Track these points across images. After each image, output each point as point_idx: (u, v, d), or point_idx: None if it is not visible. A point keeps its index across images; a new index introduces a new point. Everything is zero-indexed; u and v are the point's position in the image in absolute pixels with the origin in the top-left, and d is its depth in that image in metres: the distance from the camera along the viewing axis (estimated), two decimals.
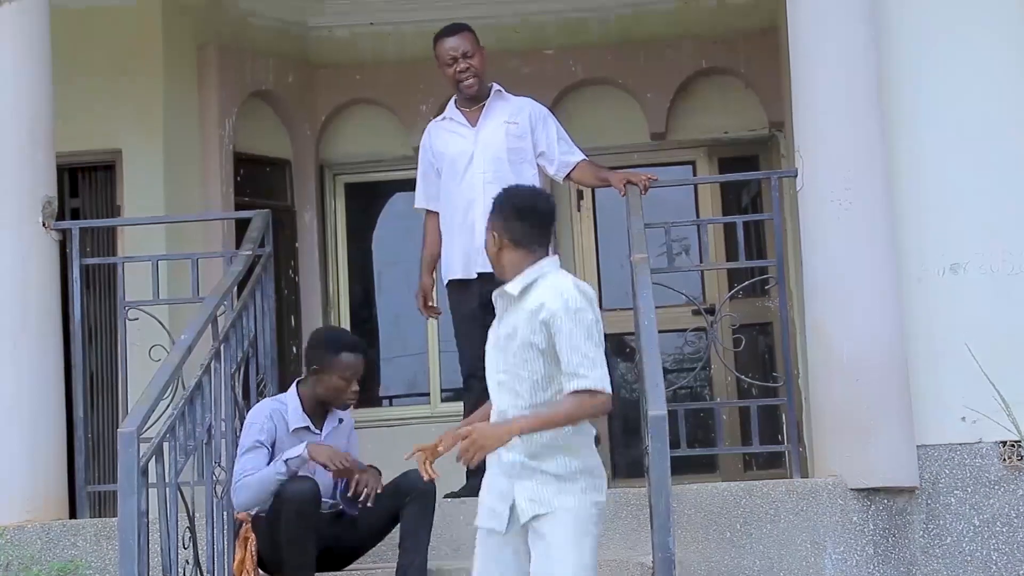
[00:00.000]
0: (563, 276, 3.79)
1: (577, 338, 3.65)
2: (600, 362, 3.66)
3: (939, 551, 5.08)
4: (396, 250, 8.26)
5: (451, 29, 5.76)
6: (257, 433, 4.77)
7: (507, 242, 3.84)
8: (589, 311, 3.69)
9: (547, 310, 3.68)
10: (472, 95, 5.72)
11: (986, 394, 4.87)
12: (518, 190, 3.96)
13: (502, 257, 3.86)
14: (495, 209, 3.89)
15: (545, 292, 3.72)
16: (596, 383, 3.64)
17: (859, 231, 5.09)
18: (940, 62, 5.32)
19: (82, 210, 7.55)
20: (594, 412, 3.69)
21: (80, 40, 7.14)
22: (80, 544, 5.25)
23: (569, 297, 3.69)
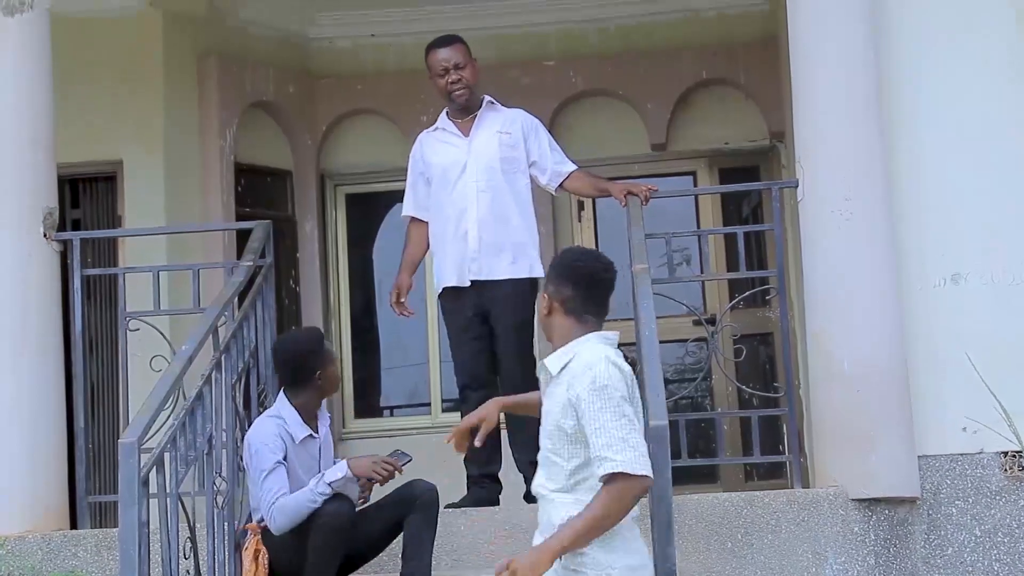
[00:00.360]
0: (598, 349, 3.46)
1: (604, 418, 3.34)
2: (634, 442, 3.33)
3: (940, 561, 5.08)
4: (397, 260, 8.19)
5: (443, 40, 5.78)
6: (272, 453, 4.74)
7: (557, 306, 3.54)
8: (620, 387, 3.39)
9: (573, 390, 3.40)
10: (463, 106, 5.74)
11: (987, 404, 4.88)
12: (577, 253, 3.67)
13: (551, 322, 3.56)
14: (553, 267, 3.60)
15: (575, 370, 3.43)
16: (627, 465, 3.30)
17: (860, 241, 5.10)
18: (939, 69, 5.33)
19: (83, 221, 7.55)
20: (633, 499, 3.34)
21: (81, 51, 7.15)
22: (81, 554, 5.25)
23: (597, 374, 3.38)
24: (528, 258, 5.66)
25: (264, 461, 4.74)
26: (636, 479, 3.33)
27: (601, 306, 3.56)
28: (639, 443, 3.35)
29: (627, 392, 3.42)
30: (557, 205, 7.86)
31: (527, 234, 5.67)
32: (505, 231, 5.62)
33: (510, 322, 5.60)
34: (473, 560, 5.13)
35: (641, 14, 8.01)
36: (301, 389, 4.91)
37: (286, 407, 4.89)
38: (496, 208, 5.62)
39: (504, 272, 5.61)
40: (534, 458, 5.54)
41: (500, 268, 5.60)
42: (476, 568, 5.08)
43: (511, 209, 5.65)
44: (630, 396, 3.43)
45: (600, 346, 3.48)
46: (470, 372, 5.65)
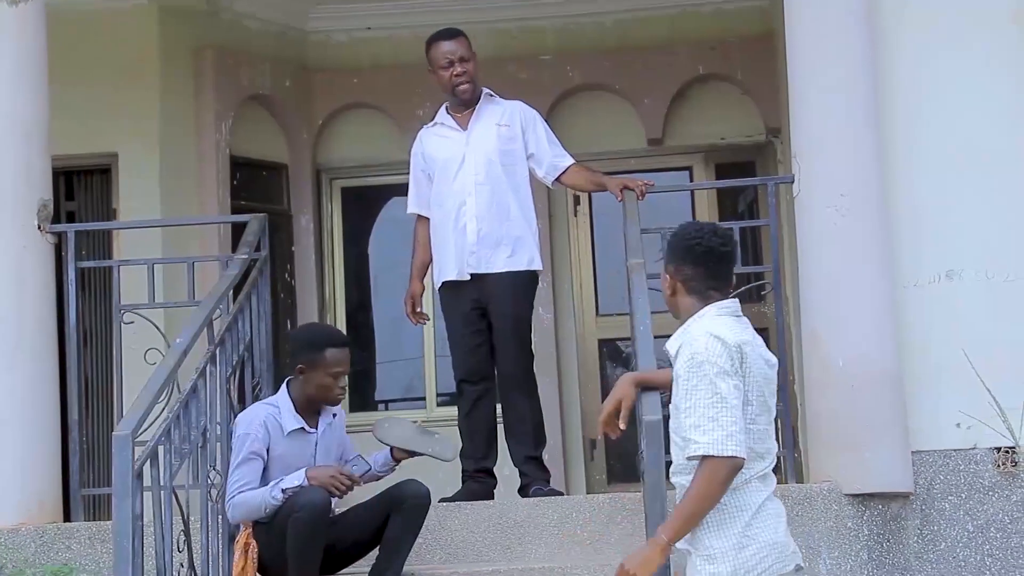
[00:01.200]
0: (705, 322, 3.41)
1: (696, 396, 3.31)
2: (724, 421, 3.27)
3: (933, 556, 5.09)
4: (392, 254, 8.25)
5: (447, 33, 5.77)
6: (251, 444, 4.70)
7: (680, 286, 3.50)
8: (720, 361, 3.31)
9: (677, 365, 3.39)
10: (466, 99, 5.73)
11: (981, 400, 4.89)
12: (693, 228, 3.56)
13: (676, 301, 3.52)
14: (670, 247, 3.55)
15: (682, 345, 3.40)
16: (711, 447, 3.26)
17: (855, 237, 5.10)
18: (937, 66, 5.33)
19: (78, 213, 7.55)
20: (725, 479, 3.28)
21: (77, 43, 7.13)
22: (74, 547, 5.24)
23: (696, 349, 3.33)
24: (527, 251, 5.66)
25: (240, 449, 4.72)
26: (723, 460, 3.27)
27: (724, 280, 3.52)
28: (729, 422, 3.28)
29: (729, 366, 3.33)
30: (553, 199, 7.86)
31: (526, 227, 5.67)
32: (504, 224, 5.62)
33: (509, 315, 5.60)
34: (466, 554, 5.13)
35: (638, 9, 8.00)
36: (293, 379, 4.88)
37: (283, 396, 4.86)
38: (495, 201, 5.62)
39: (503, 265, 5.60)
40: (531, 453, 5.63)
41: (499, 261, 5.60)
42: (469, 563, 5.08)
43: (510, 202, 5.64)
44: (734, 370, 3.33)
45: (708, 320, 3.42)
46: (468, 366, 5.65)
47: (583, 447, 7.99)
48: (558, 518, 5.14)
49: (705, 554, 3.34)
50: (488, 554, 5.12)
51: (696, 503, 3.29)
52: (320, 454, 4.86)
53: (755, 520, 3.35)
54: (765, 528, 3.36)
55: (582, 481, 7.87)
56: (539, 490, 5.50)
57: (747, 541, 3.33)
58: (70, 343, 5.64)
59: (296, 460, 4.77)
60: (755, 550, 3.32)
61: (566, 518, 5.14)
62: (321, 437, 4.87)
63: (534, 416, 5.65)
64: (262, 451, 4.73)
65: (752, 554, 3.32)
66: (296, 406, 4.84)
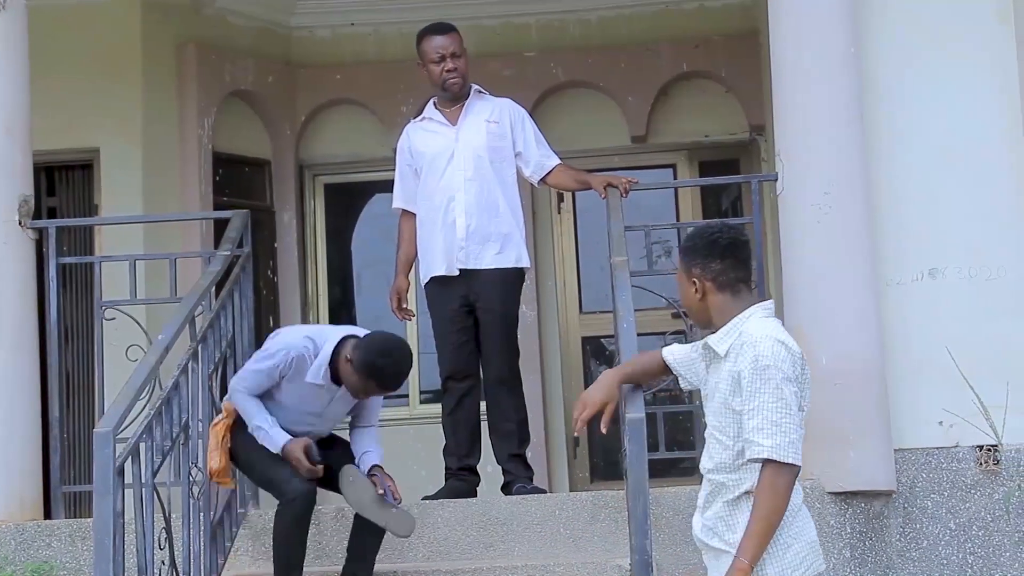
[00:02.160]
0: (763, 325, 3.43)
1: (760, 399, 3.31)
2: (787, 427, 3.29)
3: (915, 554, 5.10)
4: (375, 251, 8.24)
5: (440, 28, 5.75)
6: (271, 369, 4.70)
7: (710, 285, 3.49)
8: (784, 367, 3.34)
9: (737, 366, 3.38)
10: (455, 95, 5.72)
11: (963, 398, 4.89)
12: (708, 226, 3.58)
13: (707, 304, 3.50)
14: (690, 250, 3.53)
15: (742, 346, 3.39)
16: (775, 452, 3.28)
17: (839, 235, 5.10)
18: (920, 65, 5.33)
19: (59, 209, 7.52)
20: (787, 487, 3.30)
21: (58, 38, 7.10)
22: (55, 545, 5.22)
23: (760, 352, 3.34)
24: (515, 248, 5.65)
25: (263, 362, 4.73)
26: (785, 466, 3.29)
27: (749, 270, 3.54)
28: (792, 428, 3.31)
29: (792, 373, 3.36)
30: (537, 197, 7.86)
31: (514, 224, 5.66)
32: (492, 220, 5.61)
33: (496, 312, 5.59)
34: (449, 552, 5.12)
35: (622, 6, 8.00)
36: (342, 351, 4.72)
37: (328, 352, 4.74)
38: (484, 197, 5.61)
39: (491, 261, 5.59)
40: (514, 451, 5.63)
41: (487, 257, 5.59)
42: (452, 560, 5.07)
43: (498, 198, 5.64)
44: (796, 377, 3.37)
45: (766, 322, 3.44)
46: (454, 363, 5.64)
47: (566, 445, 7.98)
48: (541, 516, 5.14)
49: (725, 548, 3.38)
50: (471, 552, 5.12)
51: (767, 519, 3.30)
52: (332, 408, 4.82)
53: (796, 520, 3.40)
54: (806, 527, 3.42)
55: (565, 479, 7.87)
56: (522, 488, 5.49)
57: (791, 540, 3.37)
58: (51, 339, 5.61)
59: (301, 399, 4.75)
60: (798, 549, 3.37)
61: (549, 516, 5.14)
62: (337, 399, 4.80)
63: (519, 414, 5.65)
64: (274, 375, 4.73)
65: (796, 553, 3.37)
66: (331, 371, 4.75)
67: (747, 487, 3.39)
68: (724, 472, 3.43)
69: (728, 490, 3.43)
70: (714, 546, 3.45)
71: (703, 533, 3.49)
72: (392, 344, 4.75)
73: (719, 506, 3.44)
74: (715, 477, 3.46)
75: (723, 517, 3.43)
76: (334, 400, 4.81)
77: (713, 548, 3.45)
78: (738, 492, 3.41)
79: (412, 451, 7.00)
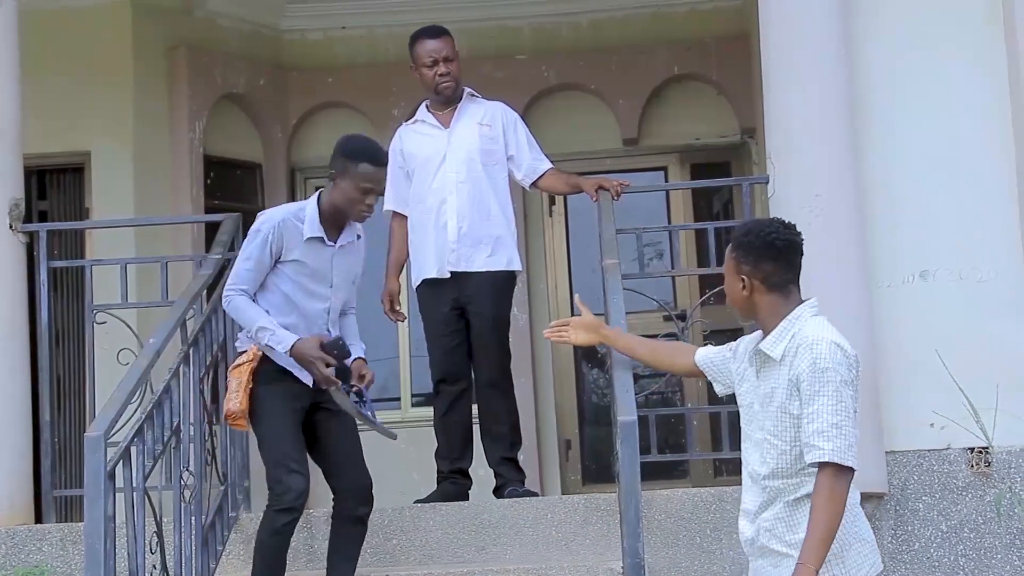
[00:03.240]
0: (818, 327, 3.42)
1: (820, 402, 3.31)
2: (846, 431, 3.30)
3: (907, 556, 5.10)
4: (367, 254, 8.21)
5: (434, 31, 5.75)
6: (261, 244, 4.58)
7: (759, 285, 3.47)
8: (841, 370, 3.34)
9: (795, 370, 3.37)
10: (447, 98, 5.72)
11: (954, 400, 4.90)
12: (765, 225, 3.55)
13: (753, 301, 3.48)
14: (744, 246, 3.50)
15: (798, 349, 3.39)
16: (835, 455, 3.28)
17: (830, 237, 5.10)
18: (911, 67, 5.35)
19: (50, 212, 7.51)
20: (844, 492, 3.31)
21: (50, 41, 7.10)
22: (46, 549, 5.21)
23: (818, 355, 3.34)
24: (506, 251, 5.65)
25: (249, 246, 4.61)
26: (844, 470, 3.30)
27: (799, 270, 3.52)
28: (851, 431, 3.31)
29: (849, 376, 3.36)
30: (529, 200, 7.86)
31: (505, 227, 5.66)
32: (484, 223, 5.61)
33: (488, 315, 5.59)
34: (441, 555, 5.12)
35: (614, 9, 8.01)
36: (326, 187, 4.69)
37: (313, 203, 4.69)
38: (475, 199, 5.61)
39: (482, 264, 5.59)
40: (506, 454, 5.62)
41: (478, 260, 5.59)
42: (444, 563, 5.07)
43: (491, 201, 5.64)
44: (852, 379, 3.37)
45: (819, 322, 3.44)
46: (446, 367, 5.64)
47: (558, 448, 7.98)
48: (533, 519, 5.14)
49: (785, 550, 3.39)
50: (463, 555, 5.11)
51: (828, 524, 3.29)
52: (336, 270, 4.72)
53: (856, 519, 3.42)
54: (864, 527, 3.43)
55: (557, 482, 7.87)
56: (514, 491, 5.49)
57: (852, 540, 3.38)
58: (42, 343, 5.60)
59: (316, 265, 4.65)
60: (859, 548, 3.39)
61: (541, 519, 5.14)
62: (338, 252, 4.72)
63: (510, 417, 5.65)
64: (265, 256, 4.59)
65: (857, 552, 3.38)
66: (322, 215, 4.67)
67: (808, 489, 3.38)
68: (782, 477, 3.42)
69: (787, 493, 3.43)
70: (774, 548, 3.43)
71: (762, 536, 3.47)
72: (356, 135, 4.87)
73: (779, 507, 3.43)
74: (772, 483, 3.44)
75: (783, 518, 3.43)
76: (335, 261, 4.70)
77: (773, 552, 3.43)
78: (799, 494, 3.41)
79: (404, 454, 6.99)
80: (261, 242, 4.61)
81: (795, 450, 3.40)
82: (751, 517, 3.51)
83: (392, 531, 5.15)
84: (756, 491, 3.50)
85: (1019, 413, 4.99)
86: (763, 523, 3.46)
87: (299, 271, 4.64)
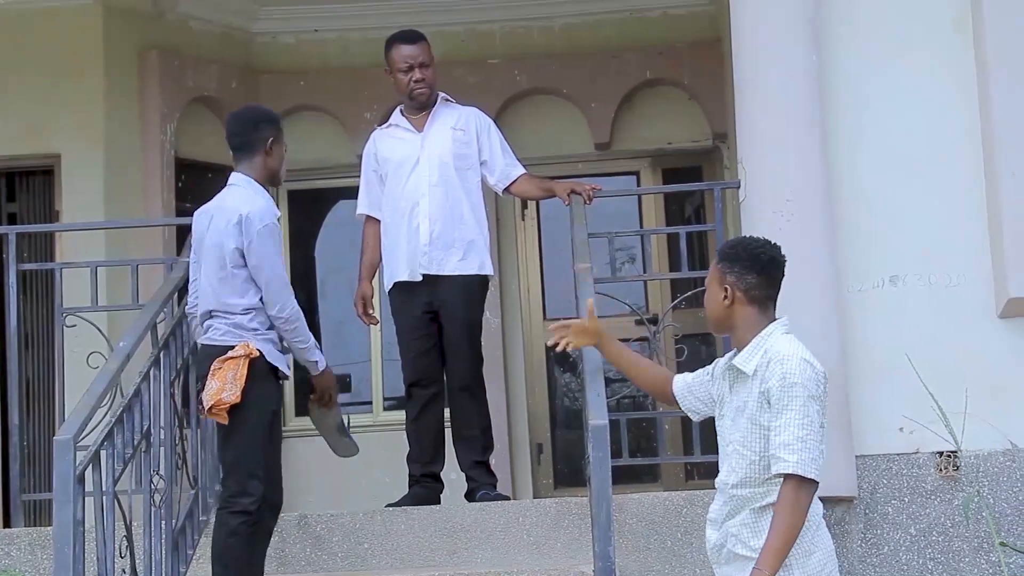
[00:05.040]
0: (789, 344, 3.52)
1: (787, 416, 3.41)
2: (811, 444, 3.39)
3: (876, 560, 5.13)
4: (339, 258, 8.21)
5: (409, 36, 5.74)
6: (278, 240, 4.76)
7: (740, 296, 3.56)
8: (810, 385, 3.44)
9: (766, 384, 3.47)
10: (422, 103, 5.72)
11: (924, 405, 4.92)
12: (752, 241, 3.65)
13: (733, 314, 3.57)
14: (730, 257, 3.59)
15: (769, 363, 3.49)
16: (799, 467, 3.38)
17: (800, 242, 5.11)
18: (880, 74, 5.37)
19: (19, 215, 7.46)
20: (806, 504, 3.41)
21: (19, 43, 7.06)
22: (14, 553, 5.17)
23: (788, 370, 3.45)
24: (478, 255, 5.65)
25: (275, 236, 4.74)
26: (806, 482, 3.39)
27: (778, 289, 3.63)
28: (815, 445, 3.41)
29: (817, 391, 3.46)
30: (501, 204, 7.86)
31: (478, 231, 5.67)
32: (456, 227, 5.61)
33: (460, 319, 5.59)
34: (412, 559, 5.11)
35: (586, 13, 8.02)
36: (252, 158, 4.83)
37: (253, 184, 4.80)
38: (448, 203, 5.61)
39: (453, 268, 5.59)
40: (478, 458, 5.62)
41: (450, 263, 5.59)
42: (415, 567, 5.06)
43: (463, 205, 5.64)
44: (820, 395, 3.47)
45: (789, 339, 3.54)
46: (418, 370, 5.63)
47: (530, 452, 7.99)
48: (504, 522, 5.14)
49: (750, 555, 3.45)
50: (434, 558, 5.11)
51: (787, 533, 3.39)
52: None
53: (819, 529, 3.50)
54: (824, 536, 3.52)
55: (529, 485, 7.87)
56: (486, 494, 5.49)
57: (813, 548, 3.47)
58: (11, 346, 5.57)
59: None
60: (819, 556, 3.47)
61: (512, 522, 5.14)
62: None
63: (482, 421, 5.65)
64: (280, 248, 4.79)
65: (817, 560, 3.46)
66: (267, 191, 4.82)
67: (773, 498, 3.47)
68: (750, 486, 3.50)
69: (754, 501, 3.51)
70: (740, 553, 3.51)
71: (729, 542, 3.55)
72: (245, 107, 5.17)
73: (745, 514, 3.51)
74: (739, 491, 3.52)
75: (749, 524, 3.51)
76: None
77: (739, 557, 3.51)
78: (765, 502, 3.49)
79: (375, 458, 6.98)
80: (278, 238, 4.77)
81: (764, 461, 3.48)
82: (717, 525, 3.60)
83: (363, 535, 5.14)
84: (722, 500, 3.59)
85: (988, 417, 5.03)
86: (730, 529, 3.54)
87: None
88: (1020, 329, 5.23)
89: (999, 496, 5.14)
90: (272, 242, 4.70)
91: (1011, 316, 5.22)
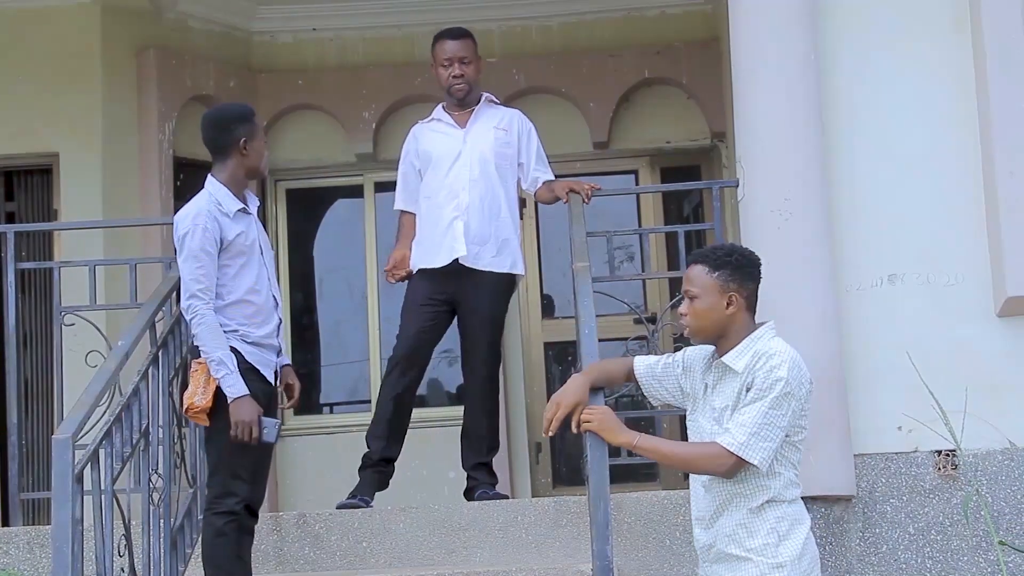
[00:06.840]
0: (780, 344, 3.65)
1: (755, 407, 3.53)
2: (764, 436, 3.50)
3: (875, 559, 5.13)
4: (337, 257, 8.22)
5: (453, 32, 5.83)
6: (203, 239, 4.53)
7: (742, 303, 3.68)
8: (792, 384, 3.55)
9: (751, 376, 3.58)
10: (460, 100, 5.75)
11: (922, 403, 4.91)
12: (738, 248, 3.80)
13: (733, 318, 3.67)
14: (733, 266, 3.70)
15: (758, 359, 3.60)
16: (740, 449, 3.49)
17: (798, 241, 5.13)
18: (879, 74, 5.38)
19: (18, 214, 7.46)
20: (715, 469, 3.54)
21: (17, 42, 7.06)
22: (12, 552, 5.17)
23: (775, 365, 3.57)
24: (511, 254, 5.67)
25: (194, 242, 4.54)
26: (736, 460, 3.50)
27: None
28: (766, 440, 3.51)
29: (797, 391, 3.57)
30: None
31: (512, 230, 5.70)
32: (493, 223, 5.64)
33: (485, 314, 5.61)
34: (411, 558, 5.11)
35: (584, 12, 8.02)
36: (227, 159, 4.69)
37: (215, 184, 4.69)
38: (487, 199, 5.64)
39: (487, 264, 5.62)
40: (483, 459, 5.63)
41: (484, 259, 5.61)
42: (413, 566, 5.07)
43: (501, 203, 5.67)
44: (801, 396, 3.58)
45: (772, 341, 3.65)
46: (411, 345, 5.58)
47: (528, 451, 7.98)
48: (503, 521, 5.14)
49: (774, 562, 3.52)
50: (432, 558, 5.11)
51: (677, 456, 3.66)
52: (262, 237, 4.77)
53: (808, 536, 3.59)
54: (812, 542, 3.60)
55: (527, 485, 7.87)
56: (484, 493, 5.49)
57: (804, 551, 3.56)
58: (9, 345, 5.57)
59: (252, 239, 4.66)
60: (808, 559, 3.57)
61: (511, 522, 5.14)
62: (255, 219, 4.76)
63: (491, 420, 5.65)
64: (212, 245, 4.57)
65: (807, 563, 3.56)
66: (230, 189, 4.68)
67: (769, 495, 3.54)
68: (734, 481, 3.55)
69: (748, 498, 3.56)
70: (733, 553, 3.56)
71: (720, 542, 3.58)
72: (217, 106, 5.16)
73: (742, 514, 3.55)
74: (724, 487, 3.57)
75: (744, 524, 3.56)
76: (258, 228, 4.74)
77: (731, 556, 3.56)
78: (760, 500, 3.54)
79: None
80: (204, 238, 4.56)
81: None
82: (705, 524, 3.64)
83: (362, 534, 5.15)
84: (709, 499, 3.63)
85: (986, 416, 5.02)
86: (723, 529, 3.58)
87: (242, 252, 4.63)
88: (1018, 328, 5.23)
89: (997, 495, 5.14)
90: (189, 248, 4.57)
91: (1009, 315, 5.22)
